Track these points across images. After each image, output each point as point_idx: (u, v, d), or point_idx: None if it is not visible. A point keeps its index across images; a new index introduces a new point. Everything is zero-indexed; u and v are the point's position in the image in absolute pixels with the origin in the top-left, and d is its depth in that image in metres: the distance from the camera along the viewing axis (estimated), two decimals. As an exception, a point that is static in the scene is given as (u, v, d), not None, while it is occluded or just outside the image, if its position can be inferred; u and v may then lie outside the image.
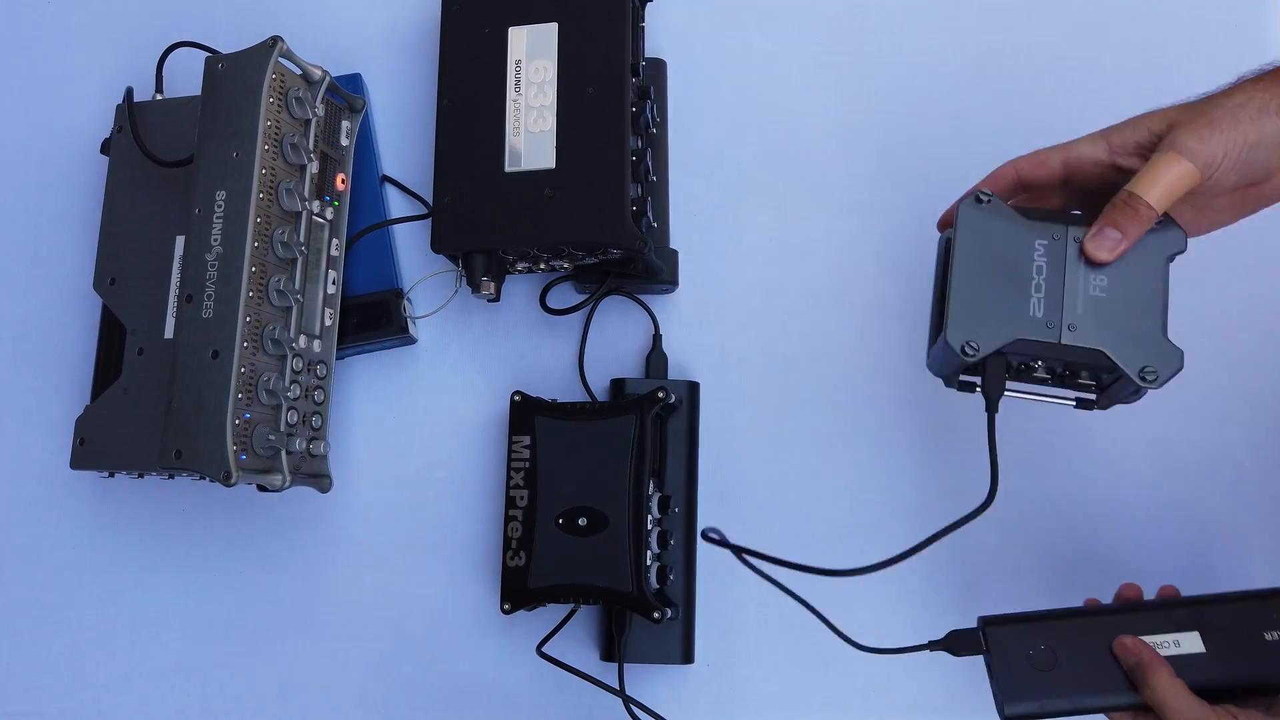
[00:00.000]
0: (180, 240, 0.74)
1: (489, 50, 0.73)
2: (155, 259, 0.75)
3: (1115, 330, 0.58)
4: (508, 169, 0.72)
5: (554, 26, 0.73)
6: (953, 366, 0.61)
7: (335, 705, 0.75)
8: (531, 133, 0.72)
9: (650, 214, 0.73)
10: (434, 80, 0.75)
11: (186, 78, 0.79)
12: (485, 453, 0.77)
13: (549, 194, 0.70)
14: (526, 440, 0.72)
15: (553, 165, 0.71)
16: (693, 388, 0.76)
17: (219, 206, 0.68)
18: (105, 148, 0.79)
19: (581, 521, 0.70)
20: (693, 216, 0.79)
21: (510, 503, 0.72)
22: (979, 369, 0.60)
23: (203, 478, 0.67)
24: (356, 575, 0.77)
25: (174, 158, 0.74)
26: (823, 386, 0.76)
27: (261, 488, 0.68)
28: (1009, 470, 0.58)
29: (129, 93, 0.78)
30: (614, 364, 0.78)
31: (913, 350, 0.68)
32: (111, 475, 0.76)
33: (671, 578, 0.72)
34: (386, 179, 0.80)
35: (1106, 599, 0.64)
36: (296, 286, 0.70)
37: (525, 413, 0.73)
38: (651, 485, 0.71)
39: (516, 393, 0.73)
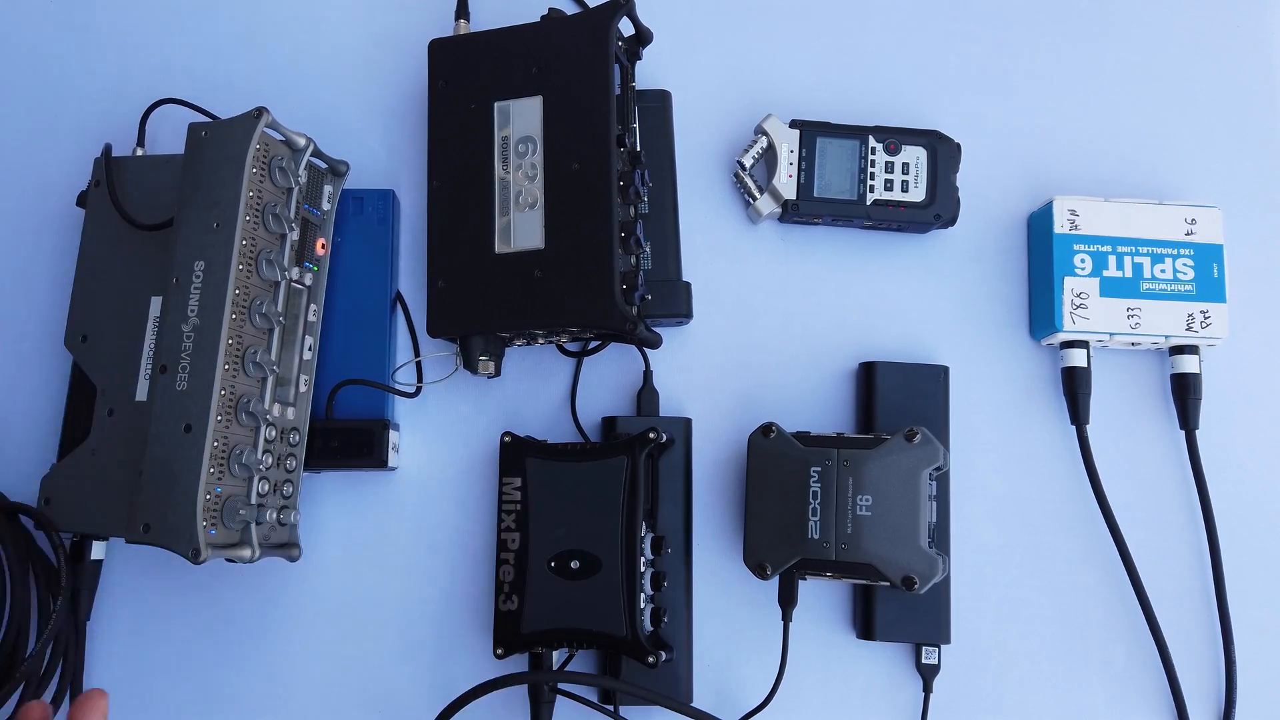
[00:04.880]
0: (156, 301, 0.70)
1: (476, 127, 0.71)
2: (129, 318, 0.71)
3: (880, 545, 0.65)
4: (498, 250, 0.69)
5: (538, 100, 0.71)
6: None
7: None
8: (520, 212, 0.69)
9: (643, 285, 0.71)
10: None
11: (171, 131, 0.77)
12: (476, 494, 0.75)
13: (538, 275, 0.68)
14: (517, 482, 0.70)
15: (541, 245, 0.68)
16: (686, 424, 0.74)
17: (197, 277, 0.65)
18: (82, 200, 0.75)
19: (574, 564, 0.68)
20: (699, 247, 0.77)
21: (502, 545, 0.69)
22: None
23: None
24: (343, 625, 0.74)
25: (152, 216, 0.70)
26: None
27: (230, 559, 0.66)
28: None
29: (107, 149, 0.74)
30: (606, 399, 0.76)
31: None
32: (77, 538, 0.72)
33: (666, 620, 0.70)
34: (400, 299, 0.77)
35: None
36: (273, 357, 0.67)
37: (515, 454, 0.70)
38: (644, 526, 0.69)
39: (506, 434, 0.71)
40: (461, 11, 0.77)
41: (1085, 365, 0.74)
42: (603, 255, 0.67)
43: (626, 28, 0.73)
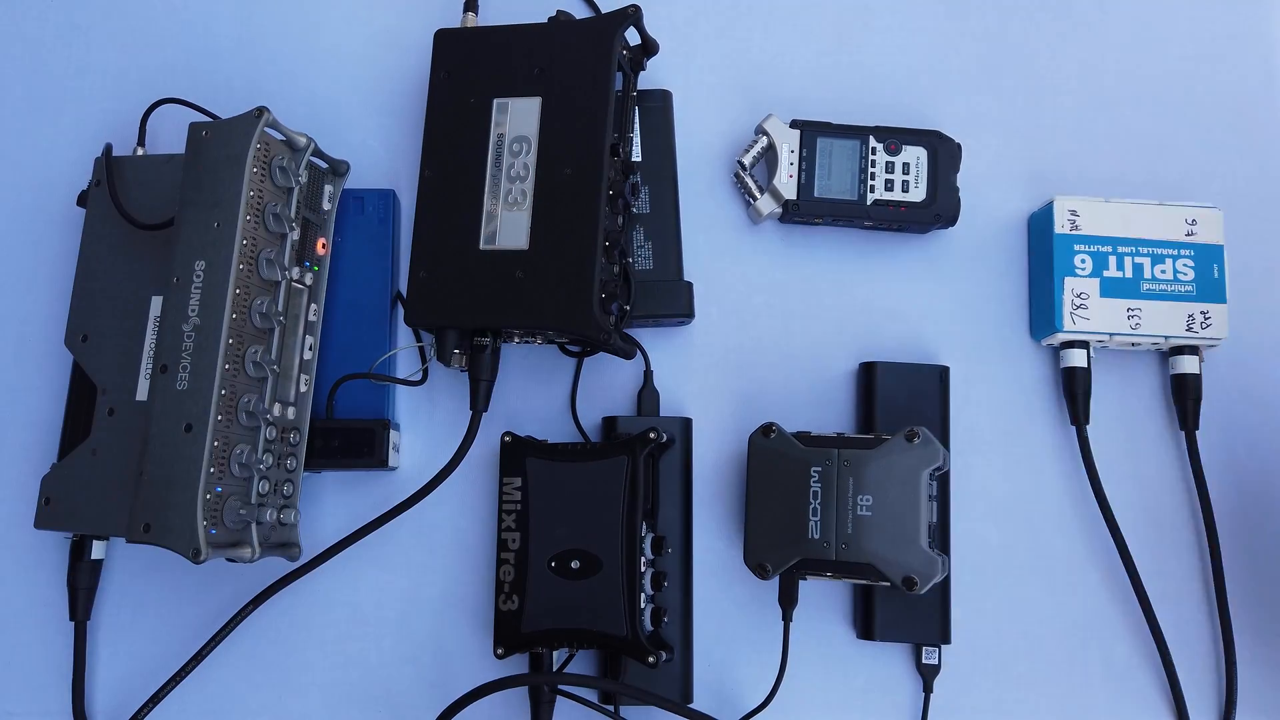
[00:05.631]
0: (156, 300, 0.70)
1: (473, 122, 0.71)
2: (130, 318, 0.71)
3: (880, 545, 0.64)
4: (483, 246, 0.69)
5: (537, 101, 0.71)
6: None
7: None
8: (508, 211, 0.69)
9: (627, 296, 0.71)
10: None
11: (172, 131, 0.77)
12: (476, 494, 0.75)
13: (519, 276, 0.68)
14: (518, 482, 0.70)
15: (525, 247, 0.68)
16: (686, 424, 0.74)
17: (198, 277, 0.65)
18: (82, 200, 0.75)
19: (574, 564, 0.68)
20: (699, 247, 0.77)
21: (502, 545, 0.69)
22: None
23: (171, 550, 0.64)
24: (343, 625, 0.74)
25: (152, 216, 0.70)
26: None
27: (231, 559, 0.66)
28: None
29: (108, 149, 0.74)
30: (606, 398, 0.76)
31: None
32: (77, 538, 0.72)
33: (666, 620, 0.70)
34: (400, 298, 0.76)
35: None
36: (273, 357, 0.67)
37: (516, 454, 0.70)
38: (644, 526, 0.69)
39: (507, 433, 0.71)
40: (470, 4, 0.77)
41: (1085, 366, 0.74)
42: (584, 262, 0.67)
43: (633, 36, 0.73)
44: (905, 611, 0.71)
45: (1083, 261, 0.73)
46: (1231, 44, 0.81)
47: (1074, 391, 0.74)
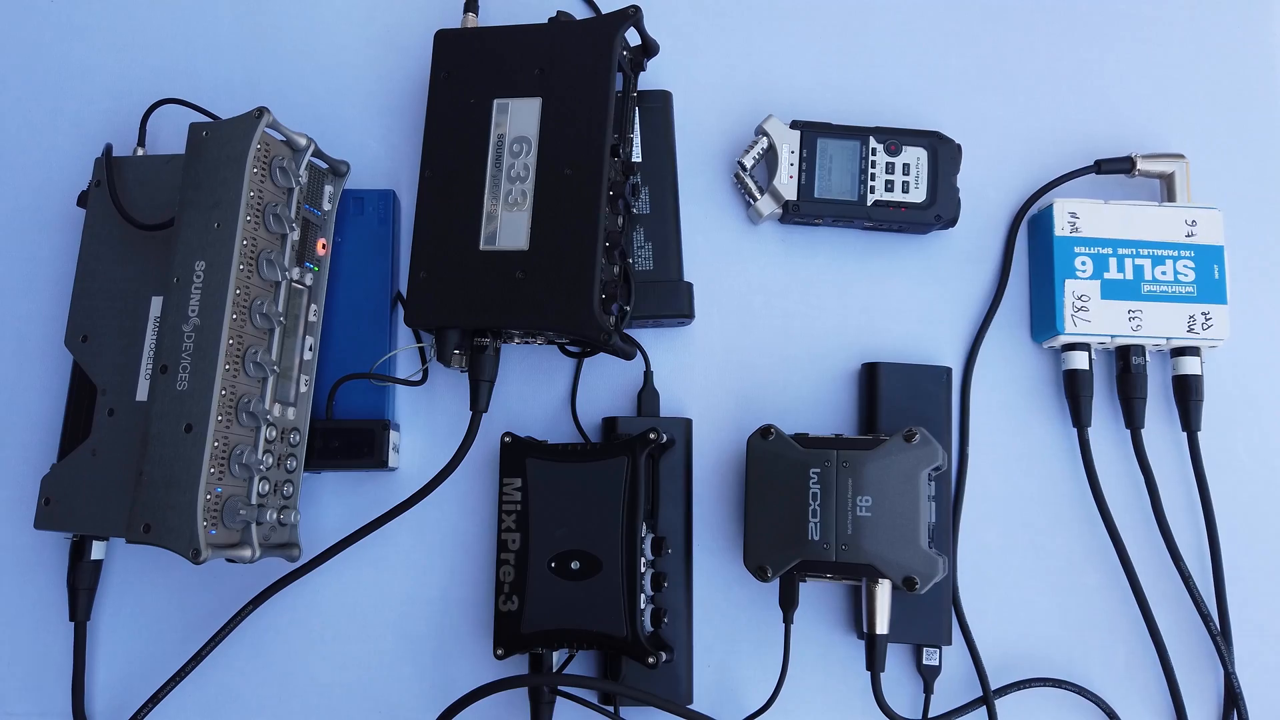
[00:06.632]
0: (156, 301, 0.70)
1: (473, 122, 0.71)
2: (130, 318, 0.71)
3: (881, 545, 0.65)
4: (483, 247, 0.69)
5: (538, 102, 0.71)
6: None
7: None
8: (508, 211, 0.69)
9: (627, 296, 0.71)
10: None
11: (172, 131, 0.77)
12: (476, 494, 0.75)
13: (520, 276, 0.68)
14: (518, 482, 0.70)
15: (525, 247, 0.68)
16: (687, 425, 0.74)
17: (198, 277, 0.65)
18: (82, 200, 0.75)
19: (574, 565, 0.68)
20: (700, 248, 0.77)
21: (502, 546, 0.69)
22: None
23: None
24: (343, 625, 0.74)
25: (152, 216, 0.70)
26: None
27: (231, 559, 0.66)
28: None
29: (108, 149, 0.74)
30: (606, 399, 0.76)
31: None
32: (77, 538, 0.72)
33: (666, 620, 0.70)
34: (400, 298, 0.76)
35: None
36: (274, 357, 0.67)
37: (516, 454, 0.70)
38: (645, 527, 0.69)
39: (507, 434, 0.71)
40: (471, 4, 0.77)
41: (1087, 368, 0.74)
42: (585, 263, 0.67)
43: (633, 37, 0.73)
44: (907, 612, 0.71)
45: (1083, 263, 0.73)
46: (1231, 44, 0.81)
47: (1075, 394, 0.74)
